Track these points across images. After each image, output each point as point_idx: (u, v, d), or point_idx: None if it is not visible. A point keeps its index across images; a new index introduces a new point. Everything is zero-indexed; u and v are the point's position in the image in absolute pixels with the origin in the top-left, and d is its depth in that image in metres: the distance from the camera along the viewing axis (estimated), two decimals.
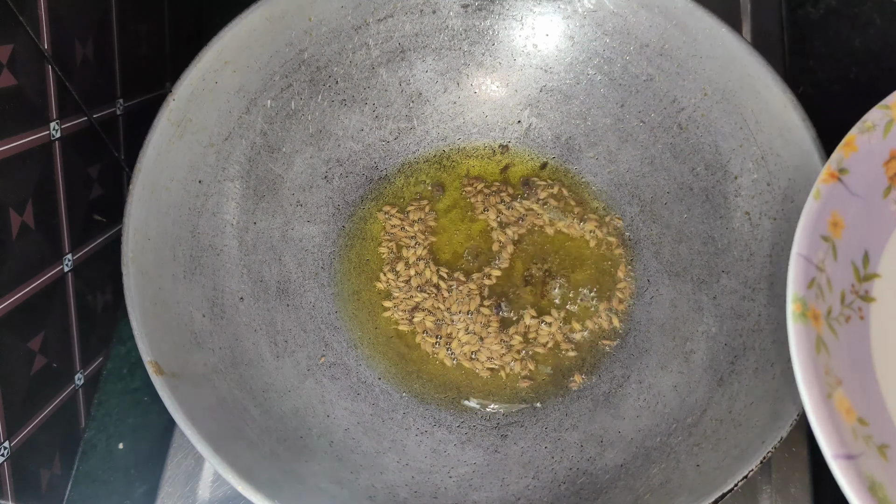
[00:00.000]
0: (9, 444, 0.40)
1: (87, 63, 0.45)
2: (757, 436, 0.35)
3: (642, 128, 0.47)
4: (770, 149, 0.41)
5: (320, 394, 0.44)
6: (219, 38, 0.42)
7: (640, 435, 0.41)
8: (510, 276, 0.48)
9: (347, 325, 0.47)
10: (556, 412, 0.44)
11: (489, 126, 0.51)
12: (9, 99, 0.38)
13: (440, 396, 0.45)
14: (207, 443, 0.35)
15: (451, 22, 0.48)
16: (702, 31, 0.42)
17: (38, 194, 0.41)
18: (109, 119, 0.48)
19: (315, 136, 0.48)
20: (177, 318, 0.40)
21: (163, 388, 0.36)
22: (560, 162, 0.50)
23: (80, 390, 0.47)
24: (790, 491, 0.43)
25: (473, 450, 0.43)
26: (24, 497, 0.41)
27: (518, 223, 0.49)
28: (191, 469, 0.46)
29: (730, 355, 0.40)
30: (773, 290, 0.40)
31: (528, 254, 0.48)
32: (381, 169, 0.50)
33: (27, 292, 0.41)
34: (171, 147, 0.41)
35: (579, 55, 0.47)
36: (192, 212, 0.43)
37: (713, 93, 0.43)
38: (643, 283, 0.47)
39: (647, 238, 0.47)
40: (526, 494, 0.40)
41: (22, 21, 0.38)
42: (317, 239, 0.48)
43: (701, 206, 0.45)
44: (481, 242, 0.49)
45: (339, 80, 0.48)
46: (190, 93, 0.42)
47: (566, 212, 0.49)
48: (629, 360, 0.45)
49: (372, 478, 0.40)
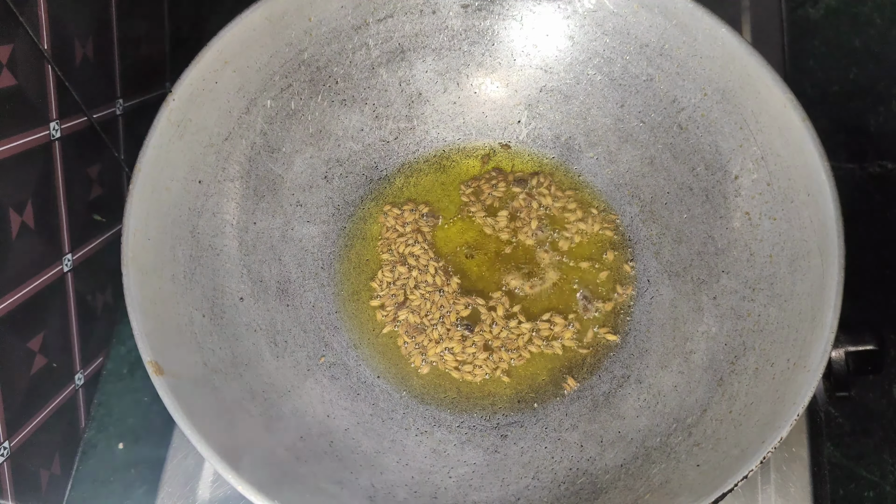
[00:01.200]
0: (9, 444, 0.40)
1: (87, 63, 0.45)
2: (757, 436, 0.35)
3: (642, 128, 0.47)
4: (770, 149, 0.41)
5: (320, 394, 0.44)
6: (219, 38, 0.42)
7: (640, 435, 0.41)
8: (494, 276, 0.48)
9: (347, 325, 0.47)
10: (556, 412, 0.44)
11: (489, 126, 0.51)
12: (9, 99, 0.38)
13: (440, 396, 0.45)
14: (207, 443, 0.35)
15: (451, 22, 0.48)
16: (702, 31, 0.42)
17: (37, 194, 0.41)
18: (109, 119, 0.48)
19: (315, 136, 0.48)
20: (177, 318, 0.40)
21: (163, 388, 0.36)
22: (560, 162, 0.50)
23: (80, 390, 0.47)
24: (790, 491, 0.43)
25: (473, 450, 0.43)
26: (24, 497, 0.41)
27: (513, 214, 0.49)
28: (191, 469, 0.46)
29: (730, 355, 0.40)
30: (773, 290, 0.40)
31: (518, 253, 0.48)
32: (381, 169, 0.50)
33: (27, 292, 0.41)
34: (171, 147, 0.41)
35: (579, 55, 0.47)
36: (192, 212, 0.43)
37: (713, 93, 0.43)
38: (643, 283, 0.47)
39: (647, 238, 0.47)
40: (526, 494, 0.40)
41: (22, 21, 0.38)
42: (317, 239, 0.48)
43: (701, 206, 0.45)
44: (480, 240, 0.49)
45: (339, 80, 0.48)
46: (190, 93, 0.42)
47: (562, 208, 0.49)
48: (629, 360, 0.45)
49: (372, 478, 0.40)
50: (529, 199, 0.49)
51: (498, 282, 0.48)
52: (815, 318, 0.36)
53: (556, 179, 0.50)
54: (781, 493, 0.43)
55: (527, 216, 0.49)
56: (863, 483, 0.44)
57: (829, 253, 0.37)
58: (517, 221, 0.49)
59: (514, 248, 0.48)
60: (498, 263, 0.48)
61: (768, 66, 0.40)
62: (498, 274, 0.48)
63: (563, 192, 0.49)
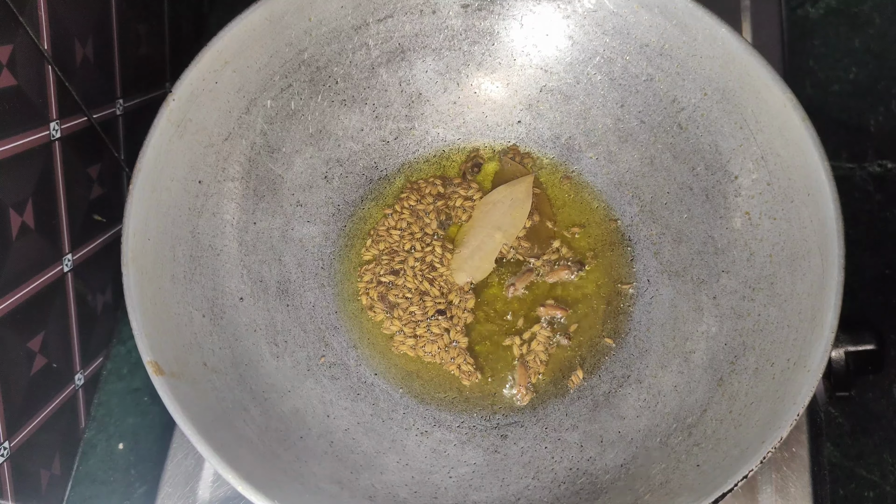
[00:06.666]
0: (9, 444, 0.40)
1: (87, 63, 0.45)
2: (757, 436, 0.35)
3: (642, 128, 0.47)
4: (770, 149, 0.41)
5: (320, 394, 0.44)
6: (219, 38, 0.42)
7: (641, 435, 0.41)
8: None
9: (347, 325, 0.47)
10: (556, 412, 0.44)
11: (489, 126, 0.51)
12: (9, 99, 0.38)
13: (440, 396, 0.45)
14: (207, 443, 0.35)
15: (451, 22, 0.48)
16: (702, 31, 0.42)
17: (38, 194, 0.41)
18: (109, 119, 0.48)
19: (315, 136, 0.48)
20: (177, 318, 0.40)
21: (163, 388, 0.36)
22: (560, 162, 0.50)
23: (80, 390, 0.47)
24: (790, 491, 0.43)
25: (473, 450, 0.43)
26: (24, 497, 0.41)
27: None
28: (191, 469, 0.46)
29: (730, 355, 0.40)
30: (773, 290, 0.40)
31: None
32: (381, 169, 0.50)
33: (27, 292, 0.41)
34: (171, 147, 0.41)
35: (579, 55, 0.47)
36: (192, 212, 0.43)
37: (713, 93, 0.43)
38: (643, 283, 0.47)
39: (647, 238, 0.47)
40: (526, 494, 0.40)
41: (22, 21, 0.38)
42: (317, 239, 0.48)
43: (701, 206, 0.45)
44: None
45: (339, 80, 0.48)
46: (190, 93, 0.42)
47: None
48: (629, 360, 0.45)
49: (372, 478, 0.40)
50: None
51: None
52: (815, 317, 0.36)
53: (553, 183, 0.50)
54: (781, 493, 0.43)
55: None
56: (863, 483, 0.44)
57: (829, 253, 0.37)
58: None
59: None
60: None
61: (768, 66, 0.40)
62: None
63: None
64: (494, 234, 0.48)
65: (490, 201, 0.49)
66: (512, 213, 0.48)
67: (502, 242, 0.48)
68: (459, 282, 0.47)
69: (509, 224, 0.48)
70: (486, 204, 0.49)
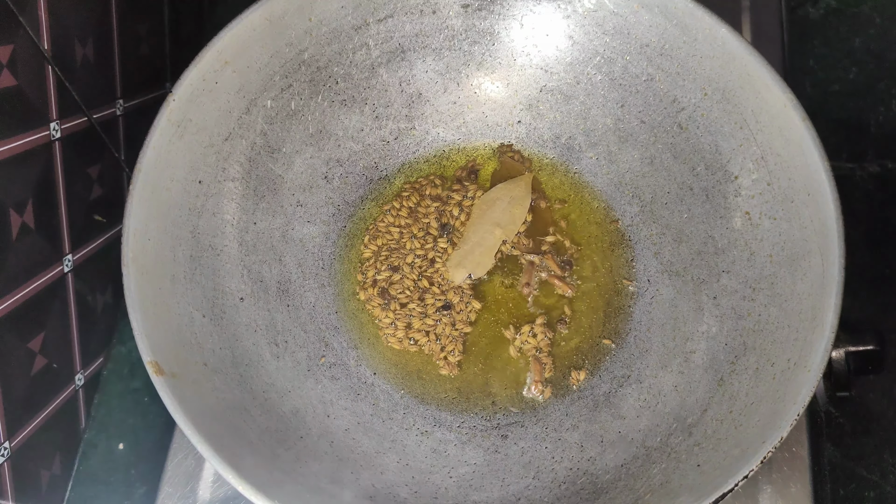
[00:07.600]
0: (9, 444, 0.40)
1: (87, 63, 0.45)
2: (757, 436, 0.35)
3: (642, 128, 0.47)
4: (770, 149, 0.41)
5: (320, 394, 0.44)
6: (219, 38, 0.42)
7: (641, 435, 0.41)
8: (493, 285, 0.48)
9: (347, 325, 0.47)
10: (556, 412, 0.44)
11: (489, 126, 0.51)
12: (9, 99, 0.38)
13: (440, 396, 0.45)
14: (207, 443, 0.35)
15: (451, 22, 0.48)
16: (702, 31, 0.42)
17: (38, 194, 0.41)
18: (109, 119, 0.48)
19: (315, 136, 0.48)
20: (177, 318, 0.40)
21: (163, 388, 0.36)
22: (560, 162, 0.50)
23: (80, 391, 0.47)
24: (790, 491, 0.43)
25: (474, 450, 0.43)
26: (24, 497, 0.41)
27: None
28: (191, 469, 0.46)
29: (730, 355, 0.40)
30: (774, 290, 0.40)
31: None
32: (381, 169, 0.50)
33: (27, 292, 0.41)
34: (171, 147, 0.41)
35: (579, 55, 0.47)
36: (192, 212, 0.43)
37: (713, 93, 0.43)
38: (643, 283, 0.47)
39: (647, 238, 0.47)
40: (526, 494, 0.40)
41: (22, 21, 0.38)
42: (317, 239, 0.48)
43: (701, 206, 0.45)
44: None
45: (339, 81, 0.48)
46: (190, 93, 0.42)
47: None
48: (629, 360, 0.45)
49: (372, 478, 0.40)
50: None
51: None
52: (815, 318, 0.36)
53: (550, 182, 0.50)
54: (781, 493, 0.43)
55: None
56: (863, 483, 0.44)
57: (829, 253, 0.37)
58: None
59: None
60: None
61: (768, 66, 0.40)
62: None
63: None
64: (494, 231, 0.48)
65: (489, 199, 0.49)
66: (511, 210, 0.48)
67: (502, 238, 0.48)
68: (457, 279, 0.47)
69: (509, 221, 0.48)
70: (485, 201, 0.49)
